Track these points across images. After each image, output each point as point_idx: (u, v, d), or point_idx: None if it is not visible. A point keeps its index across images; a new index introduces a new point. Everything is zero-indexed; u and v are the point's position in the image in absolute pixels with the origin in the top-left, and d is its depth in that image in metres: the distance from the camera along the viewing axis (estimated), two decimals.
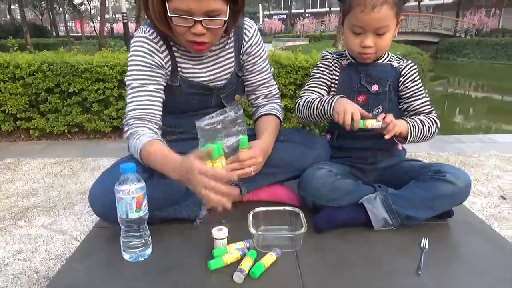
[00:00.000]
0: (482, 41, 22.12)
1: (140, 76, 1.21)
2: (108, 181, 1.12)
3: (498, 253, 1.09)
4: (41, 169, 3.14)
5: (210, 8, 1.08)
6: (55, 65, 3.67)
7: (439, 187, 1.17)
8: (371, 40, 1.21)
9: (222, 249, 1.03)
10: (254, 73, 1.40)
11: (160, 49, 1.24)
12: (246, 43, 1.36)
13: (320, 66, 1.39)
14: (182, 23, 1.11)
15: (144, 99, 1.20)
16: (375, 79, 1.32)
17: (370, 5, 1.14)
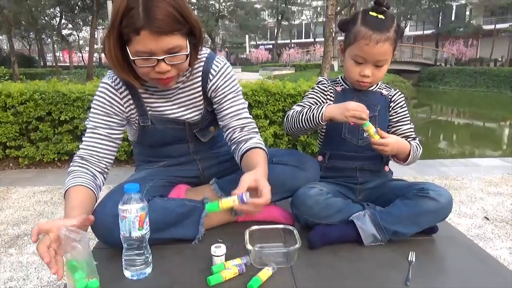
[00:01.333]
0: (462, 70, 22.95)
1: (95, 119, 1.27)
2: (109, 207, 1.16)
3: (481, 265, 1.15)
4: (31, 197, 3.13)
5: (169, 46, 1.10)
6: (47, 94, 3.72)
7: (423, 203, 1.24)
8: (370, 71, 1.34)
9: (221, 265, 1.07)
10: (225, 106, 1.37)
11: (121, 96, 1.29)
12: (210, 81, 1.36)
13: (315, 88, 1.50)
14: (146, 64, 1.13)
15: (93, 141, 1.26)
16: (366, 104, 1.38)
17: (375, 40, 1.27)
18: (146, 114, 1.34)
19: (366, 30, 1.28)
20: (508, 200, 3.06)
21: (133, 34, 1.07)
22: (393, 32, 1.29)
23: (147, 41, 1.07)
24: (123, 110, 1.31)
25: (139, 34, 1.07)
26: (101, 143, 1.27)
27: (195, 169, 1.50)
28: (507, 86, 19.63)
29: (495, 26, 30.09)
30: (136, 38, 1.08)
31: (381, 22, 1.29)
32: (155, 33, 1.06)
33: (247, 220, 1.41)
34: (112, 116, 1.28)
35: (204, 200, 1.34)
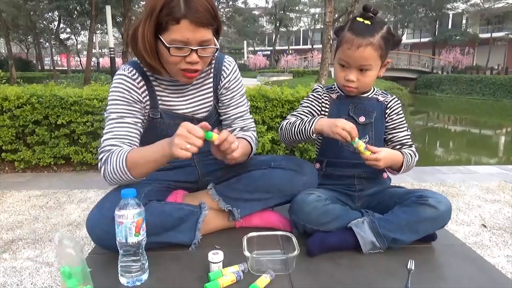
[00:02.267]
0: (458, 77, 23.07)
1: (118, 109, 1.26)
2: (106, 208, 1.15)
3: (479, 273, 1.15)
4: (26, 201, 3.10)
5: (204, 38, 1.18)
6: (44, 97, 3.70)
7: (422, 211, 1.23)
8: (354, 75, 1.34)
9: (218, 272, 1.06)
10: (231, 107, 1.45)
11: (138, 85, 1.30)
12: (224, 79, 1.42)
13: (310, 97, 1.49)
14: (179, 53, 1.18)
15: (122, 130, 1.25)
16: (362, 111, 1.43)
17: (356, 44, 1.28)
18: (157, 107, 1.35)
19: (349, 35, 1.30)
20: (505, 207, 3.05)
21: (172, 23, 1.13)
22: (379, 38, 1.29)
23: (185, 31, 1.13)
24: (141, 100, 1.31)
25: (178, 23, 1.13)
26: (130, 131, 1.26)
27: (194, 174, 1.49)
28: (503, 94, 19.76)
29: (491, 35, 30.34)
30: (175, 27, 1.13)
31: (366, 27, 1.30)
32: (194, 23, 1.13)
33: (245, 226, 1.40)
34: (133, 105, 1.28)
35: (201, 204, 1.33)
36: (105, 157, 1.21)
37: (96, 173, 3.87)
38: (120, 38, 27.49)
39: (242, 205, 1.36)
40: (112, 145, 1.22)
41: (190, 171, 1.48)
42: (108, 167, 1.19)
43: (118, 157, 1.17)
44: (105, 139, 1.24)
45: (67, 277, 0.86)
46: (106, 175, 1.21)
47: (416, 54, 28.67)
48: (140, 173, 1.19)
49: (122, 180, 1.20)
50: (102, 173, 1.22)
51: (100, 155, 1.23)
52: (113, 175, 1.19)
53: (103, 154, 1.22)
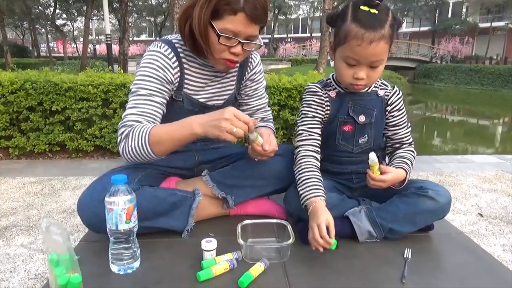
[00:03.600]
0: (457, 67, 23.01)
1: (150, 86, 1.22)
2: (98, 191, 1.13)
3: (477, 262, 1.14)
4: (20, 188, 3.08)
5: (252, 33, 1.19)
6: (38, 83, 3.65)
7: (422, 202, 1.20)
8: (364, 73, 1.19)
9: (211, 261, 1.04)
10: (254, 98, 1.48)
11: (173, 66, 1.26)
12: (251, 70, 1.44)
13: (312, 103, 1.34)
14: (227, 43, 1.17)
15: (149, 108, 1.20)
16: (361, 109, 1.32)
17: (368, 39, 1.12)
18: (182, 90, 1.32)
19: (357, 29, 1.12)
20: (502, 197, 3.05)
21: (229, 13, 1.13)
22: (388, 27, 1.14)
23: (239, 23, 1.14)
24: (173, 80, 1.28)
25: (235, 14, 1.13)
26: (157, 110, 1.22)
27: (192, 160, 1.46)
28: (502, 84, 19.74)
29: (491, 24, 30.16)
30: (230, 17, 1.13)
31: (374, 17, 1.12)
32: (249, 18, 1.14)
33: (239, 214, 1.38)
34: (165, 84, 1.25)
35: (195, 190, 1.30)
36: (126, 132, 1.16)
37: (92, 160, 3.84)
38: (117, 25, 27.20)
39: (237, 192, 1.34)
40: (136, 121, 1.17)
41: (188, 158, 1.46)
42: (129, 142, 1.14)
43: (141, 132, 1.13)
44: (129, 113, 1.19)
45: (54, 264, 0.84)
46: (126, 150, 1.15)
47: (415, 43, 28.51)
48: (162, 151, 1.15)
49: (142, 156, 1.15)
50: (121, 148, 1.17)
51: (120, 130, 1.18)
52: (133, 151, 1.14)
53: (124, 129, 1.17)
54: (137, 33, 54.65)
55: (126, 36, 12.50)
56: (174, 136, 1.13)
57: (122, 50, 12.03)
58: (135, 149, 1.14)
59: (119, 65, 11.42)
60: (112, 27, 30.17)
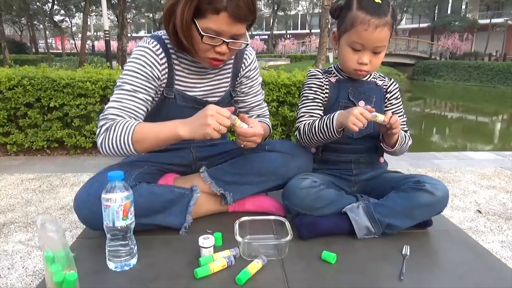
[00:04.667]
0: (456, 63, 22.99)
1: (134, 82, 1.21)
2: (95, 188, 1.12)
3: (475, 259, 1.13)
4: (18, 185, 3.07)
5: (237, 32, 1.17)
6: (36, 79, 3.63)
7: (419, 196, 1.20)
8: (368, 58, 1.27)
9: (209, 258, 1.03)
10: (250, 95, 1.48)
11: (160, 62, 1.26)
12: (246, 67, 1.44)
13: (312, 86, 1.41)
14: (210, 42, 1.17)
15: (132, 104, 1.20)
16: (361, 95, 1.39)
17: (374, 24, 1.21)
18: (173, 87, 1.32)
19: (364, 15, 1.21)
20: (500, 193, 3.05)
21: (212, 12, 1.12)
22: (390, 16, 1.24)
23: (222, 23, 1.13)
24: (160, 77, 1.27)
25: (218, 14, 1.11)
26: (139, 107, 1.22)
27: (189, 157, 1.46)
28: (501, 81, 19.74)
29: (490, 21, 30.13)
30: (213, 17, 1.12)
31: (378, 6, 1.23)
32: (233, 17, 1.12)
33: (237, 211, 1.37)
34: (150, 81, 1.24)
35: (192, 187, 1.30)
36: (107, 125, 1.15)
37: (90, 157, 3.83)
38: (115, 21, 27.06)
39: (235, 189, 1.34)
40: (117, 115, 1.17)
41: (185, 154, 1.45)
42: (110, 136, 1.13)
43: (124, 128, 1.13)
44: (111, 107, 1.19)
45: (50, 262, 0.83)
46: (105, 144, 1.15)
47: (414, 40, 28.46)
48: (143, 148, 1.16)
49: (121, 152, 1.15)
50: (100, 141, 1.16)
51: (101, 122, 1.17)
52: (113, 145, 1.14)
53: (105, 122, 1.16)
54: (135, 29, 54.45)
55: (125, 33, 12.45)
56: (159, 136, 1.14)
57: (121, 47, 11.99)
58: (116, 144, 1.13)
59: (118, 62, 11.38)
60: (111, 23, 30.05)
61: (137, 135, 1.12)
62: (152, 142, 1.15)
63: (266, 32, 43.41)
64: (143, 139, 1.13)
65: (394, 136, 1.27)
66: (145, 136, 1.13)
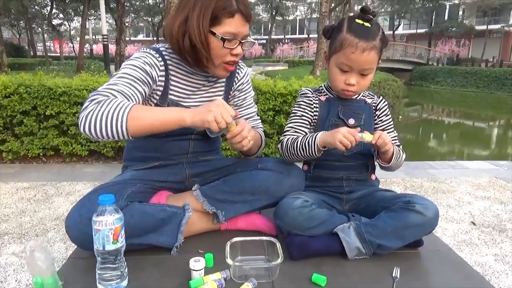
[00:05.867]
0: (453, 69, 23.07)
1: (134, 74, 1.19)
2: (86, 208, 1.12)
3: (465, 281, 1.14)
4: (13, 194, 3.06)
5: (247, 32, 1.27)
6: (32, 87, 3.63)
7: (409, 217, 1.21)
8: (355, 79, 1.31)
9: (199, 280, 1.03)
10: (243, 108, 1.51)
11: (160, 67, 1.30)
12: (238, 81, 1.48)
13: (301, 103, 1.45)
14: (230, 46, 1.24)
15: (129, 91, 1.15)
16: (351, 113, 1.41)
17: (361, 48, 1.25)
18: (166, 97, 1.34)
19: (352, 38, 1.25)
20: (495, 204, 3.06)
21: (227, 16, 1.20)
22: (379, 40, 1.28)
23: (238, 24, 1.22)
24: (156, 80, 1.30)
25: (233, 16, 1.20)
26: (137, 98, 1.17)
27: (182, 174, 1.46)
28: (498, 87, 19.82)
29: (487, 27, 30.30)
30: (229, 20, 1.20)
31: (367, 30, 1.27)
32: (245, 18, 1.23)
33: (230, 229, 1.38)
34: (148, 79, 1.24)
35: (185, 206, 1.30)
36: (100, 98, 1.06)
37: (86, 165, 3.82)
38: (113, 25, 27.11)
39: (227, 207, 1.34)
40: (113, 94, 1.10)
41: (178, 171, 1.45)
42: (101, 107, 1.04)
43: (121, 103, 1.05)
44: (106, 88, 1.11)
45: (39, 287, 0.83)
46: (92, 115, 1.04)
47: (412, 45, 28.59)
48: (137, 127, 1.06)
49: (109, 128, 1.03)
50: (86, 113, 1.05)
51: (93, 96, 1.08)
52: (102, 119, 1.03)
53: (98, 96, 1.07)
54: (134, 33, 54.52)
55: (123, 37, 12.48)
56: (158, 117, 1.08)
57: (119, 51, 12.00)
58: (108, 116, 1.03)
59: (116, 66, 11.40)
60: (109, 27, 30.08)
61: (134, 112, 1.05)
62: (149, 121, 1.07)
63: (265, 36, 43.54)
64: (140, 117, 1.06)
65: (387, 152, 1.29)
66: (143, 114, 1.07)
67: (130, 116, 1.04)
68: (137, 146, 1.47)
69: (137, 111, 1.06)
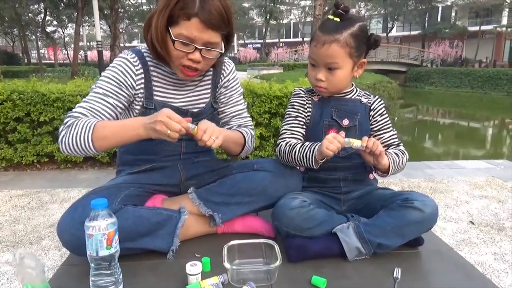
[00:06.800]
0: (447, 70, 23.22)
1: (106, 87, 1.26)
2: (79, 212, 1.10)
3: (466, 280, 1.12)
4: (7, 202, 3.01)
5: (210, 40, 1.20)
6: (25, 94, 3.60)
7: (408, 214, 1.19)
8: (322, 75, 1.30)
9: (196, 285, 1.01)
10: (229, 105, 1.49)
11: (136, 72, 1.30)
12: (224, 78, 1.46)
13: (295, 104, 1.43)
14: (183, 48, 1.20)
15: (100, 107, 1.24)
16: (345, 113, 1.38)
17: (322, 41, 1.25)
18: (152, 98, 1.34)
19: (318, 32, 1.28)
20: (492, 203, 3.05)
21: (184, 18, 1.16)
22: (348, 35, 1.25)
23: (194, 29, 1.16)
24: (134, 86, 1.30)
25: (189, 20, 1.15)
26: (107, 111, 1.25)
27: (177, 177, 1.44)
28: (491, 87, 19.96)
29: (479, 28, 30.54)
30: (185, 23, 1.16)
31: (334, 25, 1.26)
32: (204, 24, 1.16)
33: (227, 232, 1.35)
34: (123, 89, 1.27)
35: (180, 209, 1.28)
36: (70, 122, 1.18)
37: (81, 171, 3.79)
38: (108, 31, 27.08)
39: (224, 210, 1.32)
40: (82, 114, 1.20)
41: (173, 174, 1.43)
42: (71, 131, 1.15)
43: (85, 125, 1.15)
44: (79, 106, 1.22)
45: None
46: (66, 139, 1.16)
47: (406, 47, 28.75)
48: (102, 146, 1.17)
49: (80, 149, 1.16)
50: (61, 137, 1.18)
51: (65, 119, 1.20)
52: (73, 142, 1.15)
53: (69, 119, 1.19)
54: (128, 39, 54.48)
55: (117, 43, 12.46)
56: (119, 135, 1.16)
57: (113, 57, 11.97)
58: (77, 140, 1.15)
59: None
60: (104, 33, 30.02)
61: (97, 132, 1.14)
62: (112, 140, 1.17)
63: (259, 40, 43.66)
64: (103, 137, 1.15)
65: (381, 160, 1.24)
66: (106, 135, 1.16)
67: (95, 137, 1.15)
68: (129, 150, 1.46)
69: (99, 132, 1.15)
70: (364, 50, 1.31)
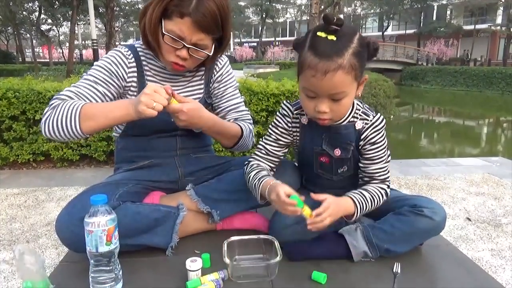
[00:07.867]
0: (443, 69, 23.30)
1: (97, 75, 1.26)
2: (77, 209, 1.09)
3: (468, 277, 1.13)
4: (3, 200, 2.99)
5: (199, 42, 1.21)
6: (21, 92, 3.57)
7: (418, 222, 1.16)
8: (326, 106, 1.06)
9: (196, 281, 1.01)
10: (224, 100, 1.47)
11: (128, 64, 1.31)
12: (217, 73, 1.46)
13: (279, 126, 1.27)
14: (172, 43, 1.20)
15: (88, 93, 1.22)
16: (337, 143, 1.20)
17: (322, 70, 0.99)
18: None
19: (311, 58, 1.00)
20: (489, 200, 3.07)
21: (177, 15, 1.17)
22: (350, 56, 1.00)
23: (185, 28, 1.17)
24: (125, 78, 1.31)
25: (182, 18, 1.16)
26: (95, 98, 1.24)
27: (175, 173, 1.43)
28: (486, 85, 20.06)
29: (474, 26, 30.71)
30: (177, 20, 1.17)
31: (331, 45, 1.00)
32: (195, 25, 1.16)
33: (226, 229, 1.35)
34: (114, 79, 1.28)
35: (179, 205, 1.27)
36: (56, 103, 1.16)
37: (77, 169, 3.77)
38: (103, 30, 26.96)
39: (223, 206, 1.32)
40: (70, 97, 1.18)
41: (171, 171, 1.42)
42: (56, 112, 1.13)
43: (72, 105, 1.13)
44: (67, 89, 1.20)
45: None
46: (49, 120, 1.13)
47: (401, 46, 28.83)
48: (90, 127, 1.14)
49: (64, 132, 1.12)
50: (44, 118, 1.14)
51: (52, 101, 1.18)
52: (58, 123, 1.12)
53: (55, 100, 1.17)
54: (124, 37, 54.26)
55: (113, 41, 12.40)
56: (108, 114, 1.14)
57: None
58: (62, 121, 1.11)
59: None
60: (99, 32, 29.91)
61: (85, 112, 1.12)
62: (100, 119, 1.13)
63: (255, 39, 43.63)
64: (92, 116, 1.13)
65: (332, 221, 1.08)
66: (94, 114, 1.13)
67: (82, 117, 1.12)
68: (126, 147, 1.46)
69: (87, 112, 1.12)
70: (365, 65, 1.09)
